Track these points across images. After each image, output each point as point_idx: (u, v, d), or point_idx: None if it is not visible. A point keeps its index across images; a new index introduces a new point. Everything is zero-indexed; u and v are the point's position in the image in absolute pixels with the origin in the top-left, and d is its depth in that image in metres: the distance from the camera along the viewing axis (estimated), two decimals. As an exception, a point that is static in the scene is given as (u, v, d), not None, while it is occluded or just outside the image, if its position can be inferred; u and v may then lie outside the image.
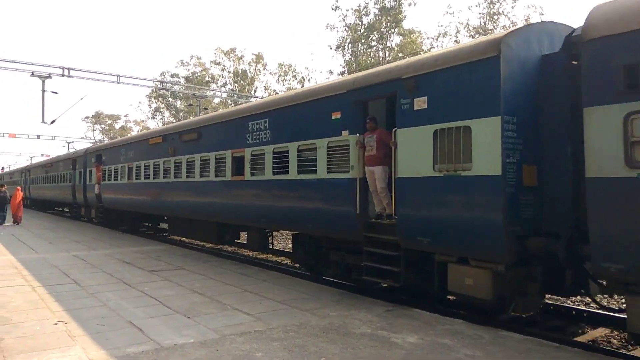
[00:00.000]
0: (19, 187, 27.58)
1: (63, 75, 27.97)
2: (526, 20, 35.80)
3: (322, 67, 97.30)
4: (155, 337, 5.88)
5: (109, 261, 12.14)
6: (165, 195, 15.55)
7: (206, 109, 41.74)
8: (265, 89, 54.83)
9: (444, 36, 40.34)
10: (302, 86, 46.12)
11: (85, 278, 9.80)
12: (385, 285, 8.64)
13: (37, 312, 7.09)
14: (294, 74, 52.44)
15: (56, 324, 6.46)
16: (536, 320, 8.18)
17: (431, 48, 39.96)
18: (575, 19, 42.40)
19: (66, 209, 37.39)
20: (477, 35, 36.33)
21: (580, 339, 7.04)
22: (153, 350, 5.40)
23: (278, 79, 53.63)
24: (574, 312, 8.26)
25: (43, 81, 27.69)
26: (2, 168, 79.40)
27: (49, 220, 28.79)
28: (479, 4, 38.62)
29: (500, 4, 37.83)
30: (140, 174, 17.58)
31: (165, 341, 5.73)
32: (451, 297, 8.34)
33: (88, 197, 24.22)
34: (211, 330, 6.20)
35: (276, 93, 48.89)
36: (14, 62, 26.66)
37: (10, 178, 58.79)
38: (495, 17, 38.12)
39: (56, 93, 30.15)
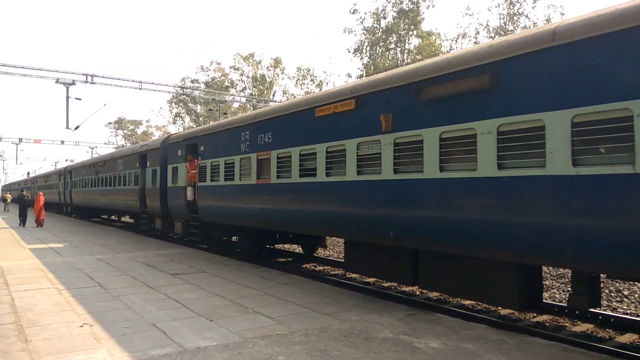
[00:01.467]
0: (41, 193, 28.52)
1: (86, 82, 28.58)
2: (547, 20, 35.31)
3: (339, 70, 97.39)
4: (179, 340, 5.94)
5: (133, 264, 12.32)
6: (353, 203, 8.74)
7: (225, 113, 42.13)
8: (284, 93, 55.18)
9: (463, 37, 40.03)
10: (320, 90, 46.23)
11: (110, 281, 9.96)
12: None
13: (63, 314, 7.23)
14: (312, 77, 52.64)
15: (82, 326, 6.58)
16: (562, 325, 8.05)
17: (450, 50, 39.67)
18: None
19: (112, 217, 32.25)
20: (497, 37, 35.95)
21: (608, 345, 6.88)
22: (176, 353, 5.45)
23: (296, 83, 53.91)
24: (600, 318, 8.08)
25: (67, 88, 28.35)
26: (28, 173, 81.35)
27: (72, 224, 29.34)
28: (499, 5, 38.22)
29: (521, 5, 37.38)
30: (290, 169, 10.51)
31: (189, 344, 5.79)
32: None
33: (170, 204, 17.30)
34: (233, 333, 6.24)
35: (294, 97, 49.08)
36: (40, 69, 27.35)
37: (45, 182, 50.46)
38: (515, 17, 37.67)
39: (80, 99, 30.79)
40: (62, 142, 59.44)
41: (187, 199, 15.70)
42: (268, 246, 15.40)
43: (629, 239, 5.03)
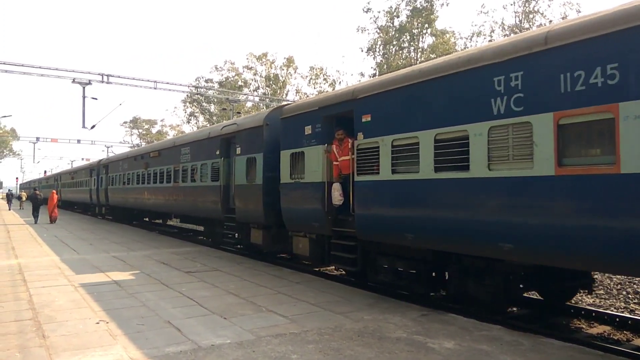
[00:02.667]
0: (54, 191, 29.35)
1: (102, 81, 28.90)
2: (563, 18, 34.85)
3: (348, 69, 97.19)
4: (193, 337, 5.99)
5: (147, 262, 12.44)
6: None
7: (239, 113, 42.28)
8: (297, 92, 55.23)
9: (477, 36, 39.70)
10: (333, 89, 46.20)
11: (125, 278, 10.06)
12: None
13: (79, 311, 7.33)
14: (325, 77, 52.60)
15: (98, 323, 6.66)
16: (578, 326, 7.95)
17: (464, 48, 39.36)
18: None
19: (162, 221, 26.53)
20: (512, 35, 35.57)
21: (625, 347, 6.78)
22: (191, 350, 5.50)
23: (309, 82, 53.93)
24: (617, 320, 7.96)
25: (83, 88, 28.71)
26: (45, 172, 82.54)
27: (87, 221, 29.71)
28: (514, 3, 37.84)
29: (537, 2, 36.95)
30: None
31: (203, 341, 5.83)
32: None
33: (286, 210, 11.34)
34: (247, 331, 6.27)
35: (307, 96, 49.11)
36: (57, 69, 27.74)
37: (71, 179, 44.17)
38: (531, 15, 37.24)
39: (96, 99, 31.14)
40: (79, 141, 60.44)
41: (328, 203, 9.82)
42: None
43: None
